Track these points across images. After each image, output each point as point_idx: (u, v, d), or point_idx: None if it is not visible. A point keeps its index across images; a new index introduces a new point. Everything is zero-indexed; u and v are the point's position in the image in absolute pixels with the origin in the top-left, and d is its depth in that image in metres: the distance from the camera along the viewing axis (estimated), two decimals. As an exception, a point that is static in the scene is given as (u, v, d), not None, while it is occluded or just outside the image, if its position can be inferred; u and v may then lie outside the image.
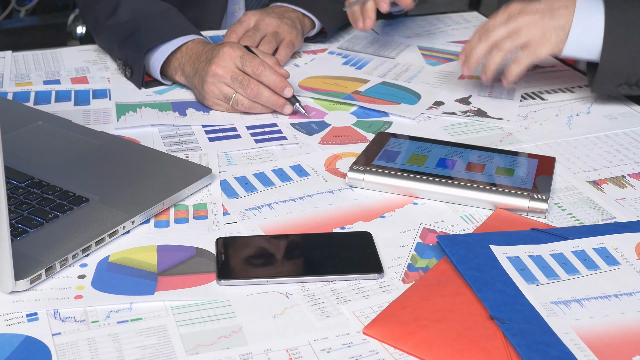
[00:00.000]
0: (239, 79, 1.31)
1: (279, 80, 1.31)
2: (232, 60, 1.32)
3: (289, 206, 1.10)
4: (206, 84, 1.33)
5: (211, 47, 1.37)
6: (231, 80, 1.32)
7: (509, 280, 0.93)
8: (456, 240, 1.00)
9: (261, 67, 1.30)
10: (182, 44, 1.41)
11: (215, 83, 1.33)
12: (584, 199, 1.13)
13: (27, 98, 1.40)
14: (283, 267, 0.97)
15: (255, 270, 0.96)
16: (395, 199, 1.12)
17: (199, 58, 1.37)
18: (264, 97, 1.32)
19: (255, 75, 1.31)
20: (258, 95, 1.32)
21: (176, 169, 1.15)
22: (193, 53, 1.40)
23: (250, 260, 0.98)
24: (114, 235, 1.01)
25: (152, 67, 1.43)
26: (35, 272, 0.93)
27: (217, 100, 1.34)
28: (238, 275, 0.95)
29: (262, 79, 1.31)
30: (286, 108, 1.33)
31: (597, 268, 0.96)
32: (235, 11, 1.81)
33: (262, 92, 1.31)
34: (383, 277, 0.96)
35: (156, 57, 1.42)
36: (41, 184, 1.09)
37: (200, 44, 1.41)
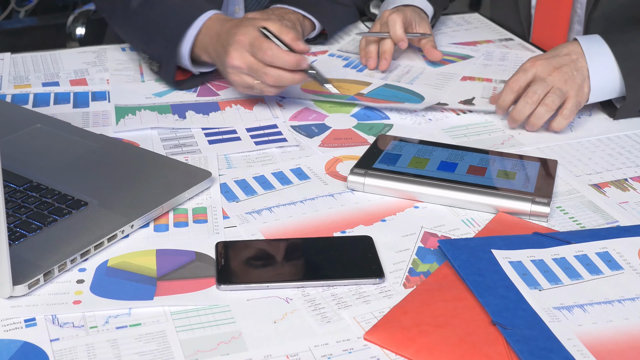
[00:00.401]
0: (254, 68, 1.28)
1: (293, 59, 1.27)
2: (244, 48, 1.28)
3: (289, 210, 1.09)
4: (229, 75, 1.32)
5: (227, 29, 1.33)
6: (249, 70, 1.29)
7: (511, 285, 0.92)
8: (458, 244, 0.99)
9: (270, 52, 1.26)
10: (202, 25, 1.38)
11: (236, 74, 1.30)
12: (586, 203, 1.12)
13: (25, 100, 1.39)
14: (283, 272, 0.96)
15: (255, 275, 0.96)
16: (396, 203, 1.11)
17: (219, 40, 1.33)
18: (285, 79, 1.29)
19: (269, 63, 1.27)
20: (279, 80, 1.29)
21: (175, 172, 1.14)
22: (213, 32, 1.36)
23: (250, 264, 0.98)
24: (112, 239, 1.00)
25: (182, 55, 1.40)
26: (34, 277, 0.92)
27: (245, 88, 1.33)
28: (238, 280, 0.94)
29: (277, 63, 1.27)
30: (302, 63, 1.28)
31: (600, 273, 0.95)
32: (235, 12, 1.80)
33: (281, 76, 1.28)
34: (384, 282, 0.95)
35: (184, 45, 1.38)
36: (40, 188, 1.08)
37: (218, 22, 1.37)
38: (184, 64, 1.42)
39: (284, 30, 1.30)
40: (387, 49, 1.51)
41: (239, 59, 1.28)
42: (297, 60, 1.27)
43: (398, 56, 1.59)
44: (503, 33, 1.73)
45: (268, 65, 1.27)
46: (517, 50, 1.64)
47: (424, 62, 1.56)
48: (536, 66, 1.30)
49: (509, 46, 1.66)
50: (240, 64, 1.29)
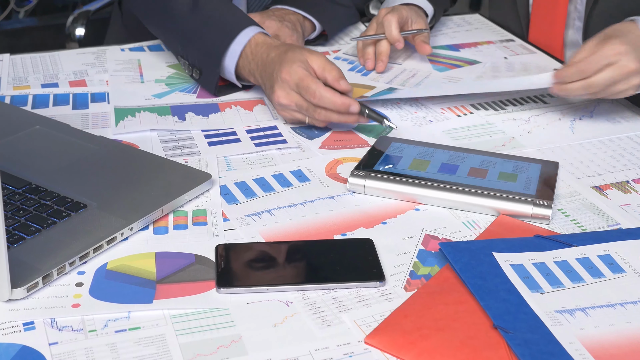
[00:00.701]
0: (304, 107, 1.26)
1: (340, 102, 1.23)
2: (290, 88, 1.26)
3: (290, 212, 1.09)
4: (277, 110, 1.31)
5: (272, 59, 1.31)
6: (297, 108, 1.27)
7: (513, 289, 0.92)
8: (459, 247, 0.99)
9: (317, 94, 1.23)
10: (246, 43, 1.36)
11: (285, 110, 1.28)
12: (588, 205, 1.11)
13: (25, 102, 1.39)
14: (283, 275, 0.96)
15: (255, 277, 0.95)
16: (397, 205, 1.11)
17: (265, 69, 1.32)
18: (334, 119, 1.26)
19: (315, 104, 1.24)
20: (328, 119, 1.26)
21: (175, 174, 1.14)
22: (259, 59, 1.34)
23: (250, 267, 0.97)
24: (112, 242, 1.00)
25: (227, 69, 1.38)
26: (32, 280, 0.91)
27: (295, 122, 1.31)
28: (238, 283, 0.94)
29: (322, 104, 1.24)
30: (361, 120, 1.26)
31: (602, 276, 0.95)
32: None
33: (330, 116, 1.25)
34: (385, 285, 0.95)
35: (228, 61, 1.37)
36: (38, 190, 1.07)
37: (264, 46, 1.34)
38: (229, 77, 1.40)
39: (328, 67, 1.26)
40: (383, 50, 1.51)
41: (285, 97, 1.26)
42: (345, 104, 1.23)
43: (404, 60, 1.58)
44: (504, 34, 1.72)
45: (316, 105, 1.25)
46: (520, 53, 1.63)
47: (430, 66, 1.55)
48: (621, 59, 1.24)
49: (509, 47, 1.65)
50: (287, 103, 1.27)
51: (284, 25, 1.54)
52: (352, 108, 1.23)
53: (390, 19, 1.49)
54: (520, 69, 1.54)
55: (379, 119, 1.24)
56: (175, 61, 1.54)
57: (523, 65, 1.56)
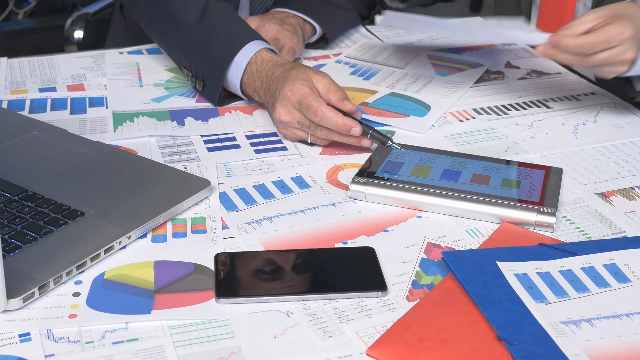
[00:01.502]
0: (305, 124, 1.23)
1: (342, 123, 1.19)
2: (292, 105, 1.23)
3: (290, 220, 1.07)
4: (278, 129, 1.28)
5: (276, 77, 1.28)
6: (299, 126, 1.24)
7: (517, 299, 0.90)
8: (462, 256, 0.97)
9: (319, 113, 1.20)
10: (251, 58, 1.34)
11: (287, 128, 1.26)
12: (592, 212, 1.10)
13: (22, 106, 1.37)
14: (284, 285, 0.94)
15: (255, 287, 0.94)
16: (398, 212, 1.09)
17: (270, 86, 1.29)
18: (336, 139, 1.23)
19: (317, 123, 1.21)
20: (330, 137, 1.23)
21: (174, 181, 1.12)
22: (264, 76, 1.32)
23: (250, 277, 0.96)
24: (109, 250, 0.98)
25: (231, 83, 1.36)
26: (29, 291, 0.90)
27: (296, 140, 1.27)
28: (237, 293, 0.92)
29: (324, 124, 1.21)
30: (364, 142, 1.21)
31: (607, 286, 0.93)
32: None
33: (332, 135, 1.22)
34: (387, 295, 0.93)
35: (232, 73, 1.35)
36: (35, 197, 1.06)
37: (269, 64, 1.32)
38: (233, 90, 1.38)
39: (332, 88, 1.24)
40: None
41: (286, 114, 1.23)
42: (347, 126, 1.19)
43: (405, 64, 1.56)
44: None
45: (317, 124, 1.22)
46: (523, 57, 1.61)
47: (432, 71, 1.53)
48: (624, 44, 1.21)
49: (512, 50, 1.64)
50: (289, 120, 1.24)
51: (284, 28, 1.53)
52: (353, 131, 1.19)
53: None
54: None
55: (384, 140, 1.18)
56: (174, 65, 1.53)
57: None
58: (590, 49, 1.21)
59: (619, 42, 1.21)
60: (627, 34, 1.21)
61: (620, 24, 1.21)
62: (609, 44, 1.21)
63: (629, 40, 1.21)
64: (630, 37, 1.21)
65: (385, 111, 1.36)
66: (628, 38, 1.21)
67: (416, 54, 1.61)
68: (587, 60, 1.22)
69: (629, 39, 1.21)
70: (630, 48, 1.22)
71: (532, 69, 1.55)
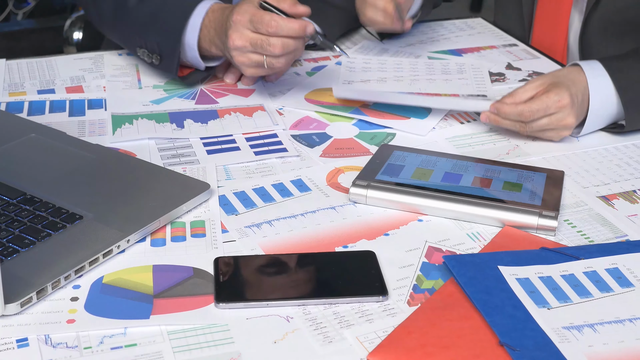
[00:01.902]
0: (258, 43, 1.26)
1: (298, 26, 1.25)
2: (244, 27, 1.26)
3: (290, 223, 1.06)
4: (234, 58, 1.30)
5: (227, 15, 1.31)
6: (252, 47, 1.27)
7: (519, 304, 0.90)
8: (463, 260, 0.96)
9: (273, 22, 1.24)
10: (204, 14, 1.35)
11: (241, 54, 1.28)
12: (594, 216, 1.09)
13: (20, 108, 1.36)
14: (284, 289, 0.93)
15: (254, 292, 0.93)
16: (399, 216, 1.08)
17: (222, 28, 1.32)
18: (291, 45, 1.27)
19: (272, 34, 1.25)
20: (285, 47, 1.26)
21: (173, 184, 1.11)
22: (217, 23, 1.34)
23: (250, 281, 0.95)
24: (108, 254, 0.98)
25: (188, 45, 1.37)
26: (26, 295, 0.89)
27: (253, 70, 1.32)
28: (237, 297, 0.91)
29: (282, 33, 1.25)
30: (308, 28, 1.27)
31: (610, 290, 0.93)
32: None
33: (287, 43, 1.26)
34: (388, 300, 0.92)
35: (189, 37, 1.36)
36: (33, 200, 1.05)
37: (219, 11, 1.35)
38: (192, 55, 1.38)
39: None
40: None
41: (239, 38, 1.26)
42: (302, 25, 1.25)
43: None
44: (507, 38, 1.70)
45: (272, 36, 1.25)
46: (523, 58, 1.60)
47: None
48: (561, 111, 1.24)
49: (512, 52, 1.63)
50: (242, 44, 1.27)
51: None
52: (308, 29, 1.26)
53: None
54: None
55: (331, 46, 1.31)
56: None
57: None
58: (529, 116, 1.24)
59: (557, 109, 1.23)
60: (564, 101, 1.23)
61: (558, 91, 1.24)
62: (546, 111, 1.24)
63: (566, 107, 1.24)
64: (568, 104, 1.23)
65: (385, 113, 1.36)
66: (565, 105, 1.23)
67: (417, 55, 1.60)
68: (528, 127, 1.25)
69: (566, 105, 1.23)
70: (569, 114, 1.24)
71: (533, 71, 1.54)
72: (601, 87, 1.27)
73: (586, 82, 1.27)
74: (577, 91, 1.26)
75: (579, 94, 1.25)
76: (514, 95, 1.27)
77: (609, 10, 1.53)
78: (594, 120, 1.28)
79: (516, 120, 1.25)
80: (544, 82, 1.27)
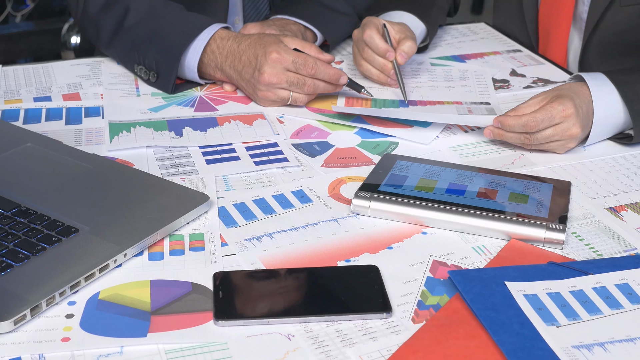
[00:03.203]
0: (294, 81, 1.34)
1: (334, 73, 1.35)
2: (283, 66, 1.33)
3: (291, 236, 1.04)
4: (260, 92, 1.35)
5: (248, 46, 1.36)
6: (287, 84, 1.34)
7: (527, 321, 0.87)
8: (469, 275, 0.94)
9: (315, 66, 1.33)
10: (209, 38, 1.39)
11: (270, 90, 1.35)
12: (603, 228, 1.07)
13: (16, 116, 1.34)
14: (285, 306, 0.91)
15: (255, 309, 0.90)
16: (403, 228, 1.06)
17: (240, 59, 1.37)
18: (321, 88, 1.36)
19: (311, 76, 1.33)
20: (315, 89, 1.35)
21: (171, 195, 1.09)
22: (227, 51, 1.38)
23: (250, 297, 0.92)
24: (104, 269, 0.95)
25: (187, 67, 1.40)
26: (20, 312, 0.87)
27: (272, 103, 1.37)
28: (237, 314, 0.89)
29: (318, 76, 1.34)
30: (342, 79, 1.36)
31: (620, 307, 0.90)
32: (235, 22, 1.75)
33: (318, 86, 1.35)
34: (392, 317, 0.90)
35: (190, 57, 1.39)
36: (28, 213, 1.03)
37: (230, 39, 1.39)
38: (190, 76, 1.42)
39: (307, 44, 1.37)
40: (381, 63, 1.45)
41: (276, 76, 1.33)
42: (337, 74, 1.35)
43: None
44: (510, 44, 1.68)
45: (308, 77, 1.34)
46: (528, 64, 1.58)
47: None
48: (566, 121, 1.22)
49: (517, 58, 1.61)
50: (277, 81, 1.33)
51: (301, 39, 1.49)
52: (342, 79, 1.36)
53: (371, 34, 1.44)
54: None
55: (358, 88, 1.38)
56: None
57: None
58: (534, 126, 1.21)
59: (561, 118, 1.21)
60: (569, 110, 1.21)
61: (562, 101, 1.22)
62: (551, 121, 1.21)
63: (571, 116, 1.21)
64: (572, 114, 1.21)
65: (388, 121, 1.33)
66: (570, 115, 1.21)
67: (419, 62, 1.57)
68: (533, 138, 1.23)
69: (570, 115, 1.21)
70: (574, 124, 1.22)
71: (538, 77, 1.51)
72: (605, 96, 1.25)
73: (589, 93, 1.24)
74: (581, 102, 1.23)
75: (583, 105, 1.23)
76: (517, 109, 1.25)
77: (609, 33, 1.52)
78: (600, 129, 1.26)
79: (521, 133, 1.23)
80: (547, 96, 1.25)
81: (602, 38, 1.53)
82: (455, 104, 1.41)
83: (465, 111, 1.37)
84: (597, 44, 1.54)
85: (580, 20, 1.56)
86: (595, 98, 1.24)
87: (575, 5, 1.56)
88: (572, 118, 1.21)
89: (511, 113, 1.25)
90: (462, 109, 1.38)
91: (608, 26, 1.52)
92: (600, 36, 1.53)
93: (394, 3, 1.58)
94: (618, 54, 1.53)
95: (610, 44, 1.53)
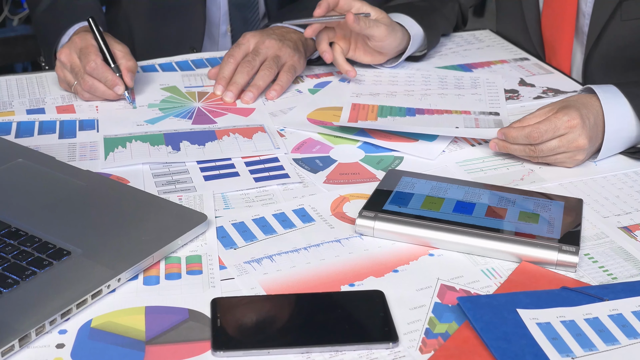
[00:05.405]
0: (75, 70, 1.36)
1: (110, 78, 1.34)
2: (74, 49, 1.36)
3: (292, 258, 1.00)
4: (56, 67, 1.39)
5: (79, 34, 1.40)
6: (70, 70, 1.36)
7: (540, 353, 0.83)
8: (479, 302, 0.90)
9: (93, 64, 1.33)
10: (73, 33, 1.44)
11: (61, 67, 1.38)
12: (617, 249, 1.02)
13: (8, 129, 1.30)
14: (286, 335, 0.87)
15: (254, 338, 0.86)
16: (409, 249, 1.02)
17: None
18: (99, 91, 1.35)
19: (89, 73, 1.34)
20: (93, 90, 1.35)
21: (168, 215, 1.04)
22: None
23: (249, 326, 0.88)
24: (97, 295, 0.91)
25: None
26: (8, 343, 0.82)
27: (64, 84, 1.40)
28: (235, 344, 0.85)
29: (95, 75, 1.34)
30: (117, 88, 1.35)
31: (637, 336, 0.86)
32: (227, 31, 1.71)
33: (96, 87, 1.35)
34: (398, 346, 0.86)
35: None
36: (19, 234, 0.98)
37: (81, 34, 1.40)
38: None
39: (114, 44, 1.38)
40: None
41: (67, 55, 1.36)
42: (114, 82, 1.34)
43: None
44: (517, 52, 1.63)
45: (88, 74, 1.34)
46: (536, 73, 1.54)
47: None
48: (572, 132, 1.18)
49: (525, 66, 1.56)
50: (65, 60, 1.36)
51: (285, 45, 1.46)
52: (117, 89, 1.35)
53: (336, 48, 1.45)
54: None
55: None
56: (169, 83, 1.46)
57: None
58: (537, 137, 1.17)
59: (566, 129, 1.17)
60: (574, 121, 1.17)
61: (567, 112, 1.18)
62: (555, 131, 1.17)
63: (576, 127, 1.17)
64: (578, 124, 1.17)
65: (392, 135, 1.29)
66: (575, 125, 1.17)
67: (423, 72, 1.53)
68: (538, 149, 1.18)
69: (576, 126, 1.17)
70: (580, 135, 1.17)
71: (548, 87, 1.47)
72: (616, 108, 1.21)
73: (599, 105, 1.20)
74: (589, 113, 1.19)
75: (590, 116, 1.19)
76: (522, 121, 1.21)
77: (610, 48, 1.49)
78: (612, 143, 1.21)
79: (525, 144, 1.19)
80: (553, 107, 1.20)
81: (604, 52, 1.49)
82: (463, 113, 1.36)
83: (472, 122, 1.33)
84: (600, 58, 1.50)
85: (582, 34, 1.52)
86: (607, 110, 1.20)
87: (576, 19, 1.52)
88: (578, 129, 1.17)
89: (516, 124, 1.21)
90: (469, 120, 1.34)
91: (610, 40, 1.48)
92: (602, 50, 1.49)
93: (392, 7, 1.54)
94: (621, 68, 1.49)
95: (613, 58, 1.49)
